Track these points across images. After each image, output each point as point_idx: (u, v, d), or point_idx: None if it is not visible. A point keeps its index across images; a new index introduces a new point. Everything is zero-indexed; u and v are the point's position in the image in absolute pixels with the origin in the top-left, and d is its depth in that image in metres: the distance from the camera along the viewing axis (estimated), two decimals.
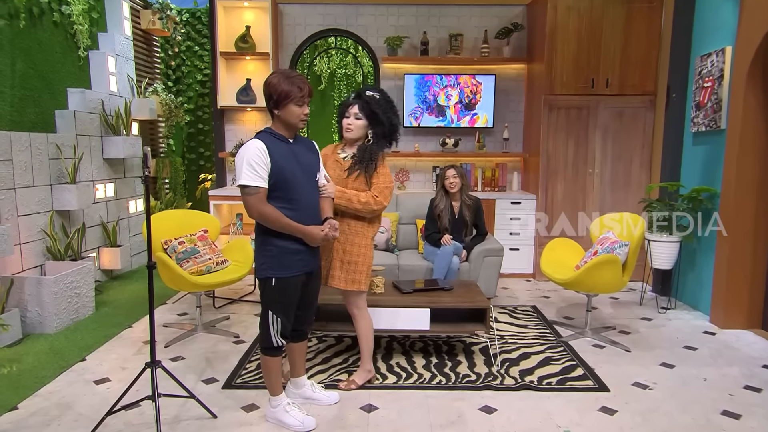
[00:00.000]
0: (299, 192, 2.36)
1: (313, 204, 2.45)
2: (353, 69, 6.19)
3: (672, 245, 4.19)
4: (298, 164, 2.37)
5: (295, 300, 2.45)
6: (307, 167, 2.42)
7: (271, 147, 2.29)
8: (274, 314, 2.40)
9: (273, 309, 2.40)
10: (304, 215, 2.37)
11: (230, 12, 5.42)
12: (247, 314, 4.11)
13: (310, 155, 2.47)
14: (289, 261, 2.37)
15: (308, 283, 2.50)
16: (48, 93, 4.19)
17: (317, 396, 2.72)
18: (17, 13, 3.82)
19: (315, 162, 2.49)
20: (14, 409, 2.60)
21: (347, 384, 2.87)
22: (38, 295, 3.51)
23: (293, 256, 2.37)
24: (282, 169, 2.30)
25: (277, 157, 2.29)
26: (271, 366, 2.47)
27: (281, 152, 2.32)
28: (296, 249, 2.38)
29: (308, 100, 2.37)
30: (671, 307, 4.33)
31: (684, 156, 4.50)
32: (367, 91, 2.72)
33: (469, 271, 4.11)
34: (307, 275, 2.47)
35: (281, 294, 2.39)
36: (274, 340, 2.42)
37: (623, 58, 4.89)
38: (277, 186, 2.30)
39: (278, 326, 2.41)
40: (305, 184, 2.40)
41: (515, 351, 3.39)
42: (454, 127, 5.52)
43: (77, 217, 4.34)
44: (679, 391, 2.87)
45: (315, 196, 2.47)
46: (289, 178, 2.32)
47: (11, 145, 3.60)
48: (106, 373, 3.03)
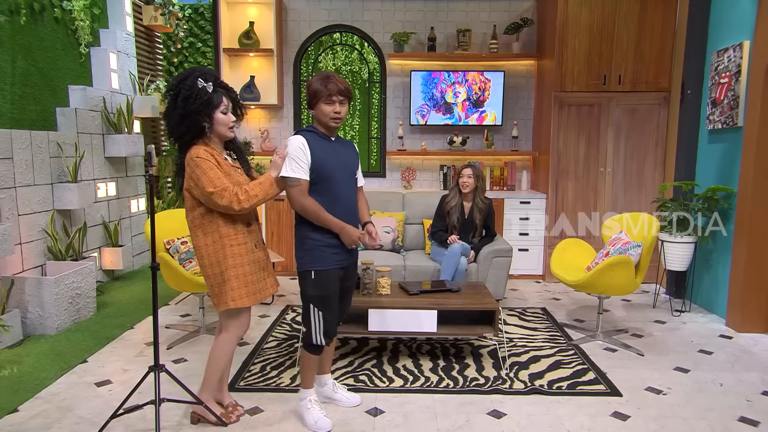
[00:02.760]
0: (338, 188, 2.42)
1: (350, 202, 2.50)
2: (359, 66, 6.11)
3: (686, 246, 4.08)
4: (338, 161, 2.43)
5: (335, 294, 2.48)
6: (347, 166, 2.48)
7: (312, 142, 2.37)
8: (316, 308, 2.44)
9: (314, 303, 2.44)
10: (342, 212, 2.43)
11: (233, 8, 5.36)
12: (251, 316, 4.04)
13: (349, 154, 2.53)
14: (326, 255, 2.42)
15: (344, 279, 2.53)
16: (49, 90, 4.13)
17: (337, 397, 2.71)
18: (18, 9, 3.77)
19: (354, 162, 2.55)
20: (14, 412, 2.57)
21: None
22: (39, 296, 3.46)
23: (329, 249, 2.42)
24: (322, 165, 2.37)
25: (317, 153, 2.36)
26: (308, 361, 2.54)
27: (322, 148, 2.39)
28: (332, 243, 2.42)
29: (339, 99, 2.37)
30: (686, 310, 4.23)
31: (699, 154, 4.39)
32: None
33: (477, 272, 4.03)
34: (344, 271, 2.51)
35: (321, 287, 2.43)
36: (315, 338, 2.46)
37: (636, 53, 4.79)
38: (316, 181, 2.38)
39: (320, 323, 2.45)
40: (344, 181, 2.45)
41: (525, 354, 3.31)
42: (462, 125, 5.43)
43: (78, 217, 4.29)
44: (695, 397, 2.80)
45: (353, 194, 2.52)
46: (328, 173, 2.39)
47: (12, 143, 3.54)
48: (108, 375, 2.99)
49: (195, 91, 2.24)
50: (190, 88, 2.24)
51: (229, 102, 2.34)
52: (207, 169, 2.24)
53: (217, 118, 2.30)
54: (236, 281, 2.35)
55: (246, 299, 2.38)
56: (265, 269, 2.49)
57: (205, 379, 2.49)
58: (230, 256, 2.33)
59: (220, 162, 2.32)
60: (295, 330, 3.70)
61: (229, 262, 2.33)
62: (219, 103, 2.29)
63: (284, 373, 3.02)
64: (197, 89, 2.24)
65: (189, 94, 2.24)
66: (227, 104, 2.33)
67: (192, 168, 2.26)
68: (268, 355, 3.27)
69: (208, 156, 2.27)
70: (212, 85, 2.28)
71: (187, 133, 2.30)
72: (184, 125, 2.28)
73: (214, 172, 2.24)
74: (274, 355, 3.28)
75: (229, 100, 2.36)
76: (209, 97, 2.26)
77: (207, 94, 2.25)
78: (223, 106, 2.31)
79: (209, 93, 2.26)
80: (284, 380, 2.93)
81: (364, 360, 3.20)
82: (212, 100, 2.27)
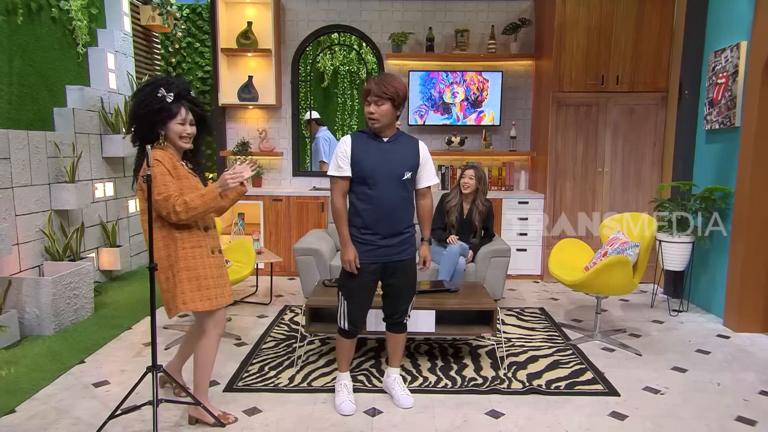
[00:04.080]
0: (379, 190, 2.47)
1: (392, 204, 2.50)
2: (357, 66, 6.11)
3: (684, 246, 4.09)
4: (385, 162, 2.48)
5: (360, 289, 2.55)
6: (393, 167, 2.49)
7: (358, 142, 2.50)
8: (343, 296, 2.58)
9: (342, 291, 2.59)
10: (381, 213, 2.49)
11: (231, 7, 5.35)
12: (249, 316, 4.04)
13: (404, 155, 2.54)
14: (359, 249, 2.52)
15: (389, 274, 2.58)
16: (46, 90, 4.12)
17: (394, 393, 2.74)
18: (15, 9, 3.76)
19: (408, 163, 2.53)
20: (12, 413, 2.56)
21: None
22: (36, 296, 3.45)
23: (360, 245, 2.52)
24: (360, 165, 2.46)
25: (359, 153, 2.47)
26: (340, 344, 2.69)
27: (366, 149, 2.48)
28: (366, 240, 2.52)
29: (373, 99, 2.43)
30: (683, 310, 4.24)
31: (697, 154, 4.40)
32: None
33: (475, 272, 4.03)
34: (383, 266, 2.56)
35: (348, 278, 2.55)
36: (340, 322, 2.62)
37: (634, 54, 4.79)
38: (357, 180, 2.50)
39: (345, 310, 2.58)
40: (388, 183, 2.48)
41: (523, 354, 3.31)
42: (460, 125, 5.43)
43: (76, 217, 4.28)
44: (692, 397, 2.80)
45: (398, 196, 2.52)
46: (365, 173, 2.46)
47: (9, 143, 3.54)
48: (106, 376, 2.98)
49: (150, 99, 2.30)
50: (147, 95, 2.31)
51: (188, 114, 2.37)
52: (159, 173, 2.26)
53: (170, 126, 2.34)
54: (188, 284, 2.31)
55: (199, 303, 2.32)
56: (222, 277, 2.45)
57: (196, 384, 2.48)
58: (182, 259, 2.31)
59: (176, 166, 2.34)
60: (293, 331, 3.70)
61: (181, 264, 2.31)
62: (176, 114, 2.33)
63: (282, 373, 3.02)
64: (153, 97, 2.29)
65: (142, 100, 2.32)
66: (185, 116, 2.36)
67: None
68: (267, 356, 3.26)
69: (163, 160, 2.30)
70: (173, 96, 2.32)
71: (140, 135, 2.36)
72: (137, 128, 2.36)
73: (162, 179, 2.26)
74: (273, 355, 3.27)
75: (190, 113, 2.38)
76: (164, 107, 2.30)
77: (163, 103, 2.29)
78: (180, 118, 2.34)
79: (166, 103, 2.30)
80: (282, 380, 2.93)
81: (362, 360, 3.20)
82: (169, 110, 2.31)
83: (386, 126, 2.50)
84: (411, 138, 2.63)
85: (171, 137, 2.36)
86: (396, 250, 2.55)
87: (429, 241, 2.73)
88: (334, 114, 6.08)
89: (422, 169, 2.60)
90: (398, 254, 2.56)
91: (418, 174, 2.59)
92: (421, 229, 2.72)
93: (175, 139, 2.36)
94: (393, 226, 2.52)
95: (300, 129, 5.69)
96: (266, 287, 4.74)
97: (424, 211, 2.68)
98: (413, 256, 2.64)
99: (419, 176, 2.60)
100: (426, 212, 2.69)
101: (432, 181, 2.64)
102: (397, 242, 2.54)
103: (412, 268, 2.64)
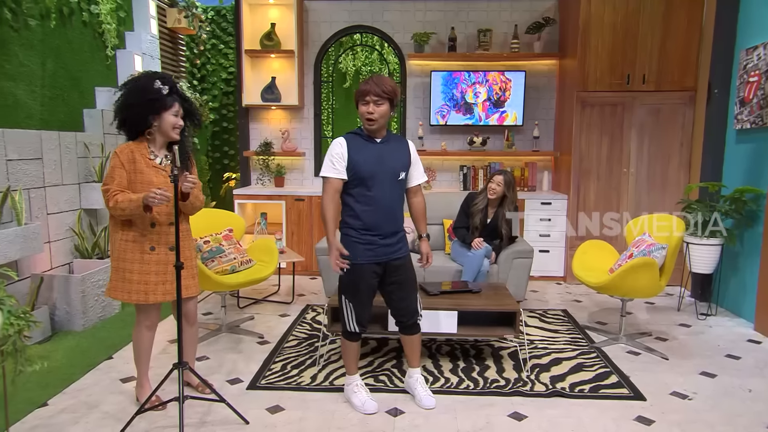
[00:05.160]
0: (376, 191, 2.49)
1: (391, 204, 2.55)
2: (379, 66, 6.12)
3: (713, 248, 3.99)
4: (380, 163, 2.49)
5: (366, 288, 2.56)
6: (389, 167, 2.52)
7: (352, 144, 2.50)
8: (347, 299, 2.57)
9: (345, 293, 2.58)
10: (382, 213, 2.52)
11: (255, 9, 5.41)
12: (271, 314, 4.08)
13: (398, 155, 2.57)
14: (357, 249, 2.52)
15: (390, 273, 2.59)
16: (77, 92, 4.23)
17: (417, 393, 2.74)
18: (48, 13, 3.86)
19: (400, 162, 2.57)
20: (44, 406, 2.63)
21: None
22: (66, 293, 3.54)
23: (359, 245, 2.52)
24: (357, 166, 2.47)
25: (354, 154, 2.48)
26: (347, 348, 2.68)
27: (362, 150, 2.49)
28: (364, 240, 2.52)
29: (373, 99, 2.45)
30: (711, 314, 4.14)
31: (726, 155, 4.30)
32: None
33: (497, 273, 4.00)
34: (384, 266, 2.57)
35: (351, 280, 2.54)
36: (348, 325, 2.60)
37: (661, 52, 4.70)
38: (353, 182, 2.50)
39: (351, 312, 2.58)
40: (384, 183, 2.51)
41: (545, 356, 3.28)
42: (482, 125, 5.40)
43: (104, 216, 4.38)
44: (722, 402, 2.73)
45: (395, 195, 2.56)
46: (364, 175, 2.47)
47: (42, 144, 3.64)
48: (132, 372, 3.02)
49: (146, 89, 2.41)
50: (143, 85, 2.42)
51: (180, 109, 2.49)
52: (112, 166, 2.42)
53: (165, 117, 2.45)
54: (115, 273, 2.48)
55: (119, 294, 2.47)
56: (157, 274, 2.49)
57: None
58: (119, 249, 2.46)
59: (135, 160, 2.43)
60: (315, 330, 3.72)
61: (115, 255, 2.48)
62: (170, 106, 2.45)
63: (305, 372, 3.04)
64: (150, 88, 2.41)
65: (137, 89, 2.42)
66: (178, 109, 2.48)
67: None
68: (289, 354, 3.29)
69: (121, 153, 2.42)
70: (168, 89, 2.44)
71: (125, 123, 2.47)
72: (127, 116, 2.45)
73: (111, 171, 2.41)
74: (295, 354, 3.30)
75: (182, 108, 2.50)
76: (160, 97, 2.41)
77: (159, 94, 2.41)
78: (174, 110, 2.46)
79: (162, 94, 2.42)
80: (305, 379, 2.95)
81: (384, 360, 3.20)
82: (164, 101, 2.43)
83: (382, 126, 2.54)
84: (401, 138, 2.69)
85: (164, 127, 2.47)
86: (394, 249, 2.59)
87: (428, 237, 2.74)
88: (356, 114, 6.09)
89: (413, 168, 2.65)
90: (396, 252, 2.60)
91: (409, 173, 2.63)
92: (417, 226, 2.74)
93: (168, 129, 2.47)
94: (393, 225, 2.57)
95: (322, 129, 5.72)
96: (288, 286, 4.78)
97: (419, 209, 2.72)
98: (408, 253, 2.68)
99: (410, 175, 2.65)
100: (420, 210, 2.72)
101: (422, 178, 2.70)
102: (395, 240, 2.59)
103: (410, 264, 2.68)
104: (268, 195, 5.22)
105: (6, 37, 3.49)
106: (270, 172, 5.61)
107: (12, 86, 3.56)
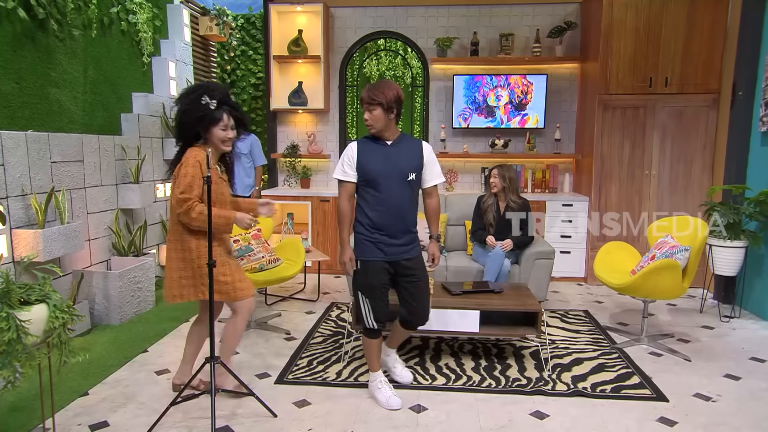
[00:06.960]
0: (386, 192, 2.57)
1: (399, 204, 2.60)
2: (402, 70, 6.22)
3: (737, 251, 3.98)
4: (390, 166, 2.57)
5: (379, 285, 2.62)
6: (399, 169, 2.59)
7: (363, 148, 2.61)
8: (363, 295, 2.64)
9: (361, 290, 2.65)
10: (391, 214, 2.59)
11: (283, 17, 5.56)
12: (297, 311, 4.20)
13: (408, 156, 2.63)
14: (367, 247, 2.62)
15: (401, 273, 2.66)
16: (115, 97, 4.43)
17: (397, 371, 2.94)
18: (90, 24, 4.06)
19: (411, 163, 2.63)
20: (85, 395, 2.77)
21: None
22: (105, 289, 3.72)
23: (370, 243, 2.61)
24: (366, 169, 2.58)
25: (364, 158, 2.59)
26: (369, 346, 2.74)
27: (372, 153, 2.59)
28: (376, 239, 2.60)
29: (366, 106, 2.56)
30: (735, 316, 4.12)
31: (750, 157, 4.27)
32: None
33: (519, 273, 4.05)
34: (395, 265, 2.64)
35: (363, 276, 2.63)
36: (367, 322, 2.67)
37: (684, 55, 4.69)
38: (363, 183, 2.61)
39: (369, 309, 2.64)
40: (393, 185, 2.58)
41: (567, 356, 3.32)
42: (504, 128, 5.45)
43: (139, 215, 4.56)
44: (747, 405, 2.73)
45: (405, 196, 2.61)
46: (371, 176, 2.57)
47: (83, 147, 3.83)
48: (166, 364, 3.17)
49: (194, 107, 2.48)
50: (192, 102, 2.49)
51: (230, 119, 2.56)
52: (192, 175, 2.44)
53: (213, 131, 2.53)
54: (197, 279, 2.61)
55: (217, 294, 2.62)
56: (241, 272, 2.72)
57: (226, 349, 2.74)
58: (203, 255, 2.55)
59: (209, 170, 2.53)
60: (340, 327, 3.82)
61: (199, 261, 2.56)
62: (218, 120, 2.51)
63: (330, 368, 3.13)
64: (197, 105, 2.47)
65: (188, 108, 2.51)
66: (227, 122, 2.54)
67: (183, 165, 2.49)
68: (315, 350, 3.39)
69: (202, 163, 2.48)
70: (216, 103, 2.50)
71: (184, 137, 2.57)
72: (182, 133, 2.56)
73: (191, 180, 2.44)
74: (320, 350, 3.40)
75: (231, 117, 2.57)
76: (207, 113, 2.48)
77: (207, 109, 2.47)
78: (222, 124, 2.53)
79: (210, 110, 2.48)
80: (330, 375, 3.04)
81: (407, 358, 3.27)
82: (213, 115, 2.49)
83: (383, 129, 2.60)
84: (415, 140, 2.72)
85: (214, 142, 2.55)
86: (405, 249, 2.65)
87: (437, 239, 2.80)
88: None
89: (427, 169, 2.70)
90: (407, 252, 2.65)
91: (423, 174, 2.69)
92: (429, 227, 2.80)
93: (218, 143, 2.55)
94: (402, 226, 2.62)
95: (347, 132, 5.84)
96: (314, 284, 4.89)
97: (432, 209, 2.78)
98: (419, 254, 2.73)
99: (425, 176, 2.71)
100: (433, 210, 2.78)
101: (438, 179, 2.75)
102: (406, 241, 2.65)
103: (421, 264, 2.73)
104: (295, 196, 5.36)
105: (52, 46, 3.69)
106: (296, 173, 5.76)
107: (57, 93, 3.76)
